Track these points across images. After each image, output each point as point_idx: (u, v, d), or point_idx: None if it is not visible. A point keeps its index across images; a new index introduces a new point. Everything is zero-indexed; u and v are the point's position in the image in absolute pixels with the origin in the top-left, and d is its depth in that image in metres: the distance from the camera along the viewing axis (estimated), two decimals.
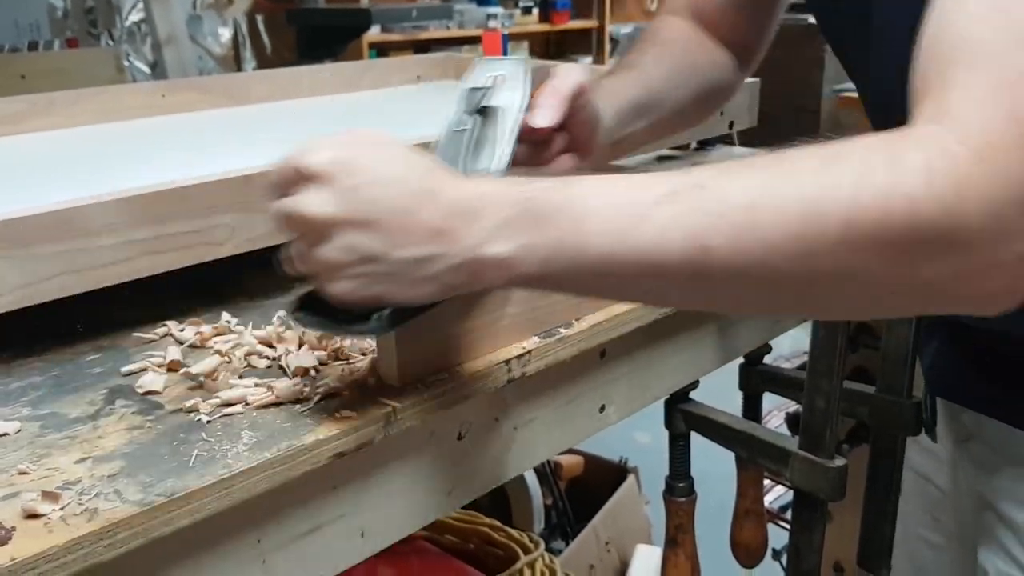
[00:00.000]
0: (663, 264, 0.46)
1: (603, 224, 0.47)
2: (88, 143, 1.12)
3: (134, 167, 0.97)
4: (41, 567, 0.44)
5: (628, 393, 0.83)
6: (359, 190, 0.49)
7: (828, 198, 0.43)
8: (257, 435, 0.55)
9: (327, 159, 0.50)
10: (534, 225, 0.48)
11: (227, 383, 0.61)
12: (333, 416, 0.57)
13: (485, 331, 0.65)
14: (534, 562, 1.46)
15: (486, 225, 0.49)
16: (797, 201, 0.43)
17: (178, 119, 1.25)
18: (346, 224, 0.49)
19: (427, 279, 0.50)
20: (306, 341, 0.66)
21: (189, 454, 0.53)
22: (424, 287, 0.50)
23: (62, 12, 3.43)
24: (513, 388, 0.68)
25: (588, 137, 0.74)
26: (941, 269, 0.42)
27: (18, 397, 0.61)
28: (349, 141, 0.52)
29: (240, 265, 0.74)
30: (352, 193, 0.49)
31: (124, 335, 0.70)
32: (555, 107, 0.69)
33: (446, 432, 0.66)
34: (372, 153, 0.51)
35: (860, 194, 0.42)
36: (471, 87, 0.70)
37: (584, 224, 0.47)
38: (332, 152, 0.50)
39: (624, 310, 0.74)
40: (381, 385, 0.61)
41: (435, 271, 0.50)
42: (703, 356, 0.93)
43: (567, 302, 0.71)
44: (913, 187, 0.41)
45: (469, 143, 0.66)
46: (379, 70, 1.51)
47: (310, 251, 0.50)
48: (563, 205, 0.48)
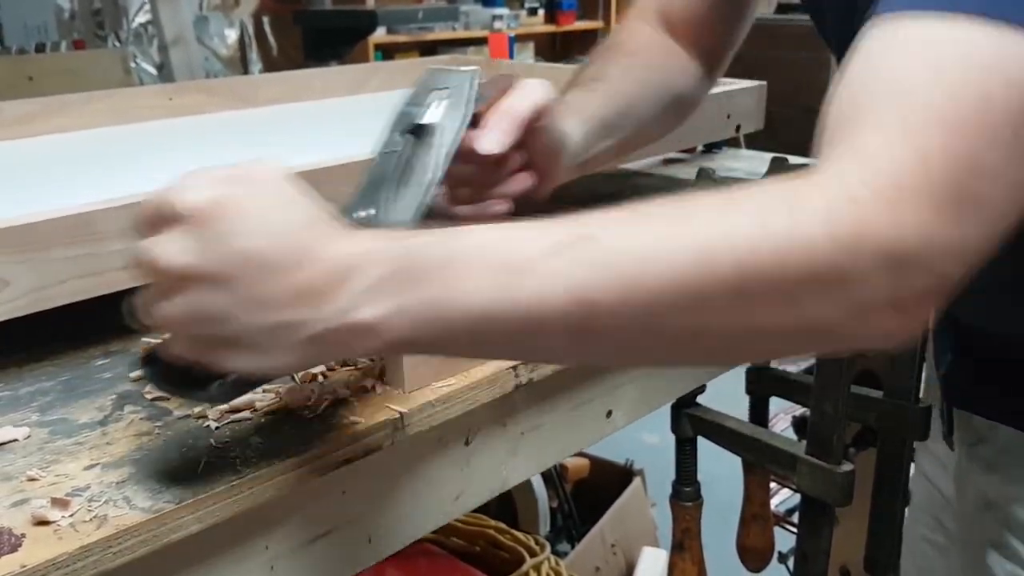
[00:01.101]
0: (544, 320, 0.43)
1: (481, 281, 0.43)
2: (98, 145, 1.13)
3: (144, 170, 0.97)
4: (51, 574, 0.45)
5: (635, 398, 0.83)
6: (224, 240, 0.43)
7: (722, 246, 0.41)
8: (265, 441, 0.55)
9: (199, 200, 0.44)
10: (407, 284, 0.44)
11: None
12: (341, 422, 0.57)
13: None
14: (540, 565, 1.46)
15: (356, 287, 0.44)
16: (689, 250, 0.41)
17: (186, 121, 1.25)
18: (201, 278, 0.43)
19: (283, 348, 0.44)
20: None
21: (198, 460, 0.53)
22: (278, 357, 0.45)
23: (69, 14, 3.44)
24: (521, 394, 0.68)
25: (549, 160, 0.71)
26: (838, 312, 0.41)
27: (28, 402, 0.61)
28: (231, 178, 0.46)
29: None
30: (216, 243, 0.43)
31: (133, 340, 0.70)
32: (506, 131, 0.65)
33: (454, 438, 0.66)
34: (251, 197, 0.45)
35: (756, 241, 0.40)
36: (406, 104, 0.65)
37: (460, 281, 0.43)
38: (207, 192, 0.44)
39: None
40: (389, 391, 0.61)
41: (293, 340, 0.44)
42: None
43: None
44: (811, 232, 0.40)
45: (398, 166, 0.61)
46: (386, 72, 1.51)
47: (156, 303, 0.45)
48: (441, 261, 0.44)
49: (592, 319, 0.42)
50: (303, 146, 1.11)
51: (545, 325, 0.43)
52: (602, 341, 0.44)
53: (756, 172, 1.11)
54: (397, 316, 0.44)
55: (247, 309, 0.43)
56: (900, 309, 0.41)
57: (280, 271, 0.43)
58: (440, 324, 0.44)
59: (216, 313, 0.44)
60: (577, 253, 0.42)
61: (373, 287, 0.44)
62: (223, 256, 0.43)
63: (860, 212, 0.40)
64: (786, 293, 0.41)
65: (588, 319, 0.42)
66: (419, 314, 0.44)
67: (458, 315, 0.44)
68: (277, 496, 0.53)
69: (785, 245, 0.40)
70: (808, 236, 0.40)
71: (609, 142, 0.79)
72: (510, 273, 0.43)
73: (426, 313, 0.44)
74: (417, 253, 0.45)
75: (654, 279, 0.41)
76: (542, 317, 0.43)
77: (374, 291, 0.44)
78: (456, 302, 0.43)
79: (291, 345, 0.44)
